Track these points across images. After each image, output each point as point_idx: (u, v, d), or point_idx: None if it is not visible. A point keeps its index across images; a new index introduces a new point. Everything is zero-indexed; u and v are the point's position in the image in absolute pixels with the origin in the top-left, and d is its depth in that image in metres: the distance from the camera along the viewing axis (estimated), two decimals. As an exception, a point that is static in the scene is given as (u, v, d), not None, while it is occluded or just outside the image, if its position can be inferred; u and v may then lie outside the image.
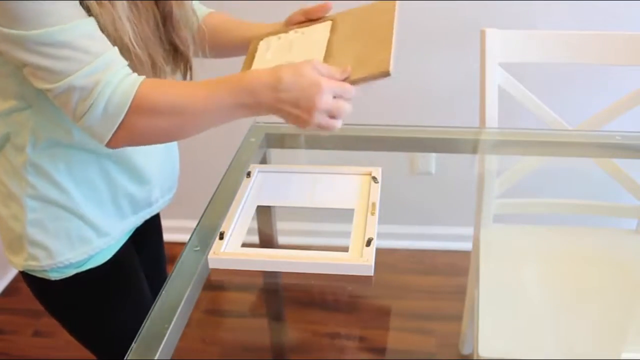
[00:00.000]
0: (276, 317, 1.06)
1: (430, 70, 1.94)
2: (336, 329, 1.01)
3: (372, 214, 1.01)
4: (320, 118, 0.83)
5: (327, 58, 0.94)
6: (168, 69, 0.97)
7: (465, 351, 1.20)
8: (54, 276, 0.99)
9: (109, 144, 0.83)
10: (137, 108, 0.81)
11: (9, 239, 0.98)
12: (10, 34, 0.76)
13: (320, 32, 1.01)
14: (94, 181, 0.95)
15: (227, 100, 0.83)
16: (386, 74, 0.86)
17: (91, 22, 0.79)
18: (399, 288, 1.05)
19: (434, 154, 1.46)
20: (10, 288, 2.15)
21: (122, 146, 0.85)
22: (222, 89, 0.83)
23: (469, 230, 1.28)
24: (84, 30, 0.78)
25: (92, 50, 0.78)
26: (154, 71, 0.90)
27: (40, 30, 0.75)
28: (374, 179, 1.10)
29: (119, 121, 0.80)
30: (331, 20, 1.03)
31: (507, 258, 1.20)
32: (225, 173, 1.18)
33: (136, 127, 0.82)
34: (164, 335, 0.81)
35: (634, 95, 1.39)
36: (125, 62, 0.83)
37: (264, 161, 1.28)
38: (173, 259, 0.97)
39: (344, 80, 0.87)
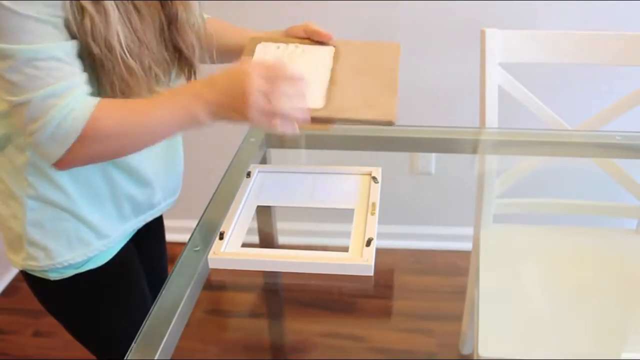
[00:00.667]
0: (276, 317, 1.06)
1: (430, 70, 1.94)
2: (336, 329, 1.01)
3: (372, 214, 1.01)
4: (257, 103, 0.82)
5: (331, 86, 0.94)
6: (173, 73, 0.96)
7: (465, 351, 1.20)
8: (54, 276, 0.99)
9: (56, 166, 0.84)
10: (87, 136, 0.81)
11: (9, 238, 0.98)
12: None
13: (322, 55, 1.01)
14: (94, 183, 0.95)
15: (170, 117, 0.85)
16: (390, 123, 0.88)
17: (67, 46, 0.80)
18: (399, 288, 1.05)
19: (434, 154, 1.46)
20: (10, 288, 2.15)
21: (70, 168, 0.86)
22: (165, 106, 0.85)
23: (469, 230, 1.28)
24: (55, 54, 0.79)
25: (57, 74, 0.79)
26: (148, 79, 0.89)
27: (12, 46, 0.76)
28: (374, 179, 1.10)
29: (67, 147, 0.81)
30: (334, 46, 1.03)
31: (507, 258, 1.20)
32: (225, 173, 1.18)
33: (83, 153, 0.83)
34: (164, 335, 0.81)
35: (634, 95, 1.39)
36: (88, 90, 0.83)
37: (264, 161, 1.28)
38: (173, 259, 0.97)
39: (344, 119, 0.89)
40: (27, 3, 0.75)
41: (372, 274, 0.91)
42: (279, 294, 1.04)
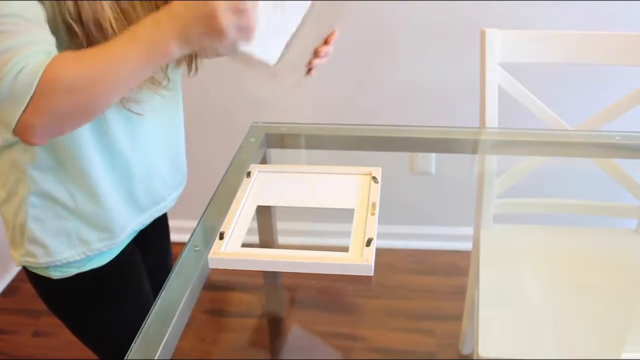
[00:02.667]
0: (276, 317, 1.06)
1: (430, 70, 1.94)
2: (336, 329, 1.01)
3: (372, 214, 1.01)
4: (229, 18, 0.76)
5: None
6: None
7: (465, 351, 1.19)
8: (56, 275, 0.99)
9: (23, 136, 0.75)
10: (44, 89, 0.72)
11: (11, 234, 0.99)
12: None
13: None
14: (97, 182, 0.95)
15: (138, 57, 0.76)
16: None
17: (35, 6, 0.76)
18: (399, 288, 1.05)
19: (434, 154, 1.46)
20: (10, 288, 2.15)
21: (33, 136, 0.75)
22: (127, 46, 0.76)
23: (469, 230, 1.28)
24: (21, 11, 0.74)
25: (18, 29, 0.73)
26: None
27: None
28: (374, 179, 1.10)
29: (24, 105, 0.72)
30: None
31: (507, 258, 1.20)
32: (225, 173, 1.17)
33: (44, 110, 0.73)
34: (164, 335, 0.81)
35: (634, 95, 1.39)
36: (52, 45, 0.77)
37: (264, 161, 1.28)
38: (173, 259, 0.97)
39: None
40: None
41: (372, 273, 0.91)
42: (279, 294, 1.04)
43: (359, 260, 0.91)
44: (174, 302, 0.87)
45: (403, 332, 1.03)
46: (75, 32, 0.79)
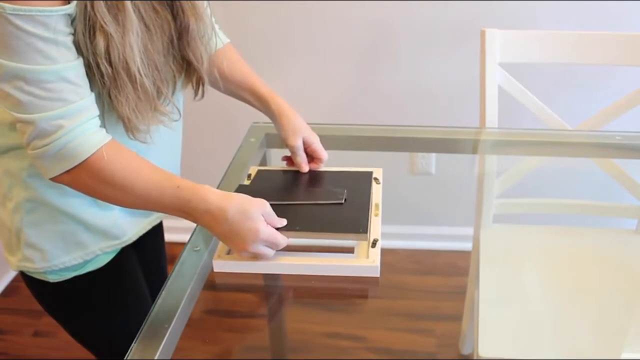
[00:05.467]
0: (276, 317, 1.06)
1: (430, 70, 1.94)
2: (336, 329, 1.01)
3: (376, 215, 1.01)
4: (248, 252, 0.89)
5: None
6: (178, 84, 0.96)
7: (465, 351, 1.19)
8: (53, 278, 0.98)
9: (50, 179, 0.84)
10: (88, 167, 0.81)
11: (6, 239, 0.98)
12: None
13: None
14: None
15: (169, 206, 0.86)
16: (363, 238, 0.92)
17: (76, 66, 0.80)
18: (399, 288, 1.04)
19: (434, 154, 1.46)
20: (10, 288, 2.15)
21: (59, 183, 0.85)
22: (171, 194, 0.85)
23: (469, 230, 1.28)
24: (64, 75, 0.78)
25: (65, 96, 0.78)
26: (158, 98, 0.89)
27: (22, 65, 0.75)
28: (376, 179, 1.10)
29: (67, 168, 0.81)
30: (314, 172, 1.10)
31: (507, 258, 1.20)
32: (225, 173, 1.17)
33: (79, 180, 0.83)
34: (164, 335, 0.81)
35: (634, 95, 1.39)
36: (97, 113, 0.83)
37: (264, 161, 1.28)
38: (173, 259, 0.97)
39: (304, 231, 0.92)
40: (38, 22, 0.74)
41: (378, 275, 0.91)
42: (279, 294, 1.04)
43: (365, 261, 0.91)
44: (174, 302, 0.87)
45: (403, 332, 1.03)
46: (102, 72, 0.82)
